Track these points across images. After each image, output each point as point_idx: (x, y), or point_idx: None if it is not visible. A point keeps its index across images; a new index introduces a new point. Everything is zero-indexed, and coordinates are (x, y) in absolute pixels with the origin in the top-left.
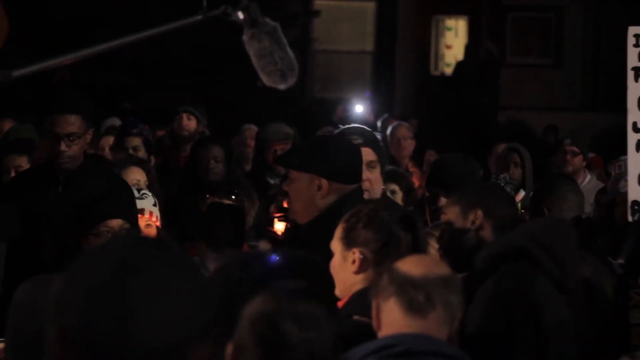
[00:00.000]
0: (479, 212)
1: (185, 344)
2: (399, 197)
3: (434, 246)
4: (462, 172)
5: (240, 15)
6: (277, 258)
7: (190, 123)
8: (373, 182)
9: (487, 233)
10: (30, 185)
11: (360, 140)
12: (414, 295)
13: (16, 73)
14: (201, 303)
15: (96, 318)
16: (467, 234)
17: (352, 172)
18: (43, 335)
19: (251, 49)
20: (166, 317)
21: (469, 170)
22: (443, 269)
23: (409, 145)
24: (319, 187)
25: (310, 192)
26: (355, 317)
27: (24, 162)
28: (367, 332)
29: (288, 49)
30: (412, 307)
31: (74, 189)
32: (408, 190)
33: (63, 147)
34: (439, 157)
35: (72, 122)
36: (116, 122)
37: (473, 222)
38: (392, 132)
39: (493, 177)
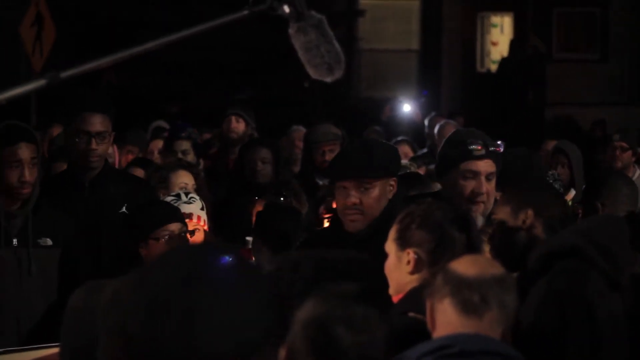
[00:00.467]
0: (530, 212)
1: (250, 348)
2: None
3: (485, 246)
4: (515, 168)
5: (286, 9)
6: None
7: (239, 125)
8: (490, 193)
9: (539, 232)
10: (58, 191)
11: (483, 152)
12: (469, 296)
13: (64, 74)
14: (264, 307)
15: (161, 325)
16: (518, 233)
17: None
18: (97, 341)
19: (297, 43)
20: (231, 323)
21: (523, 166)
22: (497, 269)
23: None
24: (391, 190)
25: (386, 195)
26: (410, 314)
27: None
28: (422, 330)
29: (334, 41)
30: (467, 308)
31: (99, 192)
32: None
33: (94, 145)
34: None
35: (101, 121)
36: (162, 124)
37: (524, 222)
38: (439, 130)
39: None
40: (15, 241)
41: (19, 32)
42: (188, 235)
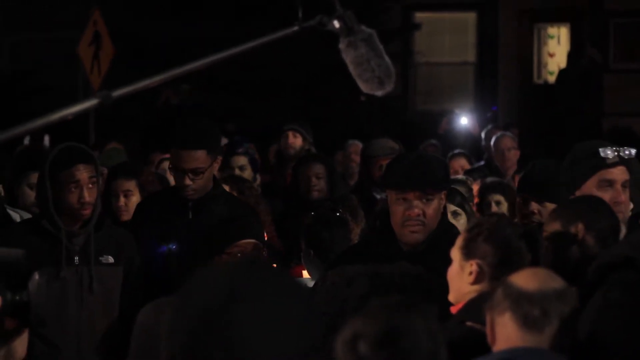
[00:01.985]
0: (580, 226)
1: None
2: (504, 208)
3: None
4: (551, 178)
5: (336, 24)
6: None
7: (296, 141)
8: (626, 201)
9: (591, 245)
10: (160, 210)
11: (616, 159)
12: (529, 310)
13: (116, 93)
14: (307, 328)
15: (202, 345)
16: (570, 248)
17: None
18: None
19: (348, 57)
20: (272, 344)
21: (559, 176)
22: (558, 283)
23: (513, 156)
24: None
25: (441, 208)
26: (468, 324)
27: (132, 186)
28: (480, 339)
29: (385, 55)
30: (527, 322)
31: (204, 215)
32: (513, 200)
33: (187, 181)
34: (530, 163)
35: (197, 158)
36: (223, 141)
37: (575, 236)
38: (495, 142)
39: None
40: (77, 259)
41: (77, 51)
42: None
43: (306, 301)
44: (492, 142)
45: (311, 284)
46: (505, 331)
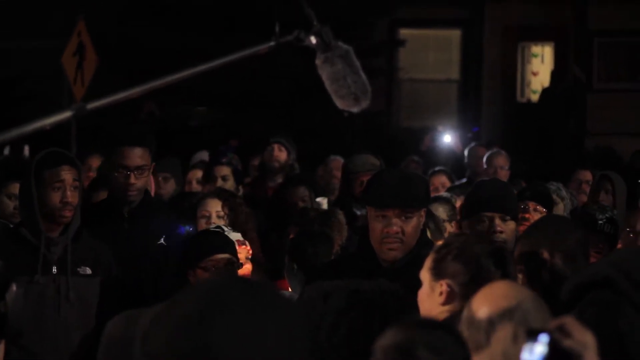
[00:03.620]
0: (544, 252)
1: None
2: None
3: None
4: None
5: (313, 39)
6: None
7: (281, 154)
8: None
9: (559, 266)
10: (98, 221)
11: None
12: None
13: (90, 106)
14: (290, 341)
15: (179, 354)
16: (540, 272)
17: None
18: None
19: (324, 73)
20: (251, 356)
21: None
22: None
23: (504, 176)
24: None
25: (420, 225)
26: None
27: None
28: None
29: (361, 72)
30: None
31: (139, 224)
32: None
33: (133, 179)
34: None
35: (142, 155)
36: (205, 156)
37: (544, 260)
38: (489, 158)
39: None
40: (55, 269)
41: (61, 61)
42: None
43: (290, 317)
44: (484, 159)
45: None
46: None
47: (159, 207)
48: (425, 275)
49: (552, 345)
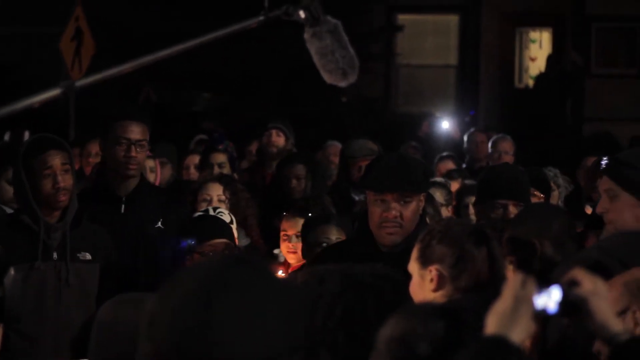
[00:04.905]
0: (535, 242)
1: None
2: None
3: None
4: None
5: (302, 14)
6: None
7: (279, 139)
8: (614, 209)
9: (550, 254)
10: (94, 205)
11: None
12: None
13: (79, 83)
14: (289, 322)
15: (182, 334)
16: (531, 262)
17: None
18: (126, 354)
19: (312, 48)
20: (251, 335)
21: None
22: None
23: (509, 161)
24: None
25: (419, 210)
26: None
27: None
28: None
29: (349, 46)
30: None
31: (136, 208)
32: None
33: (134, 152)
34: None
35: (142, 130)
36: (204, 137)
37: (532, 252)
38: (494, 143)
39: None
40: (55, 254)
41: (59, 47)
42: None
43: (288, 296)
44: (489, 144)
45: None
46: None
47: (155, 191)
48: (413, 266)
49: (564, 295)
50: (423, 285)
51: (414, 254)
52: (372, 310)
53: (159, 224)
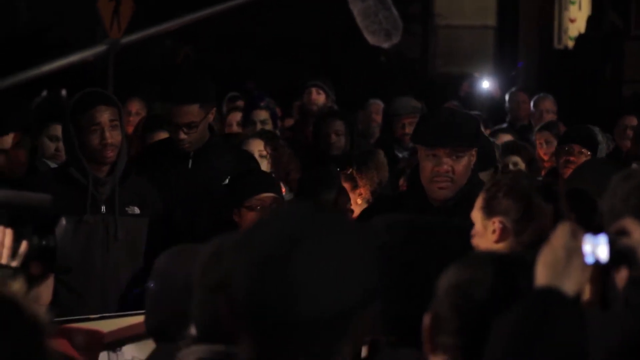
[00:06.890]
0: (595, 197)
1: (352, 311)
2: (521, 169)
3: None
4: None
5: None
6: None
7: (319, 97)
8: None
9: None
10: (161, 159)
11: None
12: None
13: (124, 40)
14: (366, 269)
15: (262, 290)
16: (592, 217)
17: None
18: (182, 303)
19: (355, 9)
20: (332, 287)
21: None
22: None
23: (553, 119)
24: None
25: (471, 165)
26: None
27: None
28: None
29: (393, 8)
30: None
31: (203, 164)
32: (530, 161)
33: (182, 135)
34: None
35: (190, 112)
36: (235, 94)
37: (594, 205)
38: (536, 102)
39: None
40: (103, 208)
41: (97, 6)
42: None
43: (364, 243)
44: (531, 103)
45: None
46: None
47: (225, 147)
48: (476, 215)
49: (613, 245)
50: (485, 235)
51: (478, 203)
52: (436, 260)
53: (227, 181)
